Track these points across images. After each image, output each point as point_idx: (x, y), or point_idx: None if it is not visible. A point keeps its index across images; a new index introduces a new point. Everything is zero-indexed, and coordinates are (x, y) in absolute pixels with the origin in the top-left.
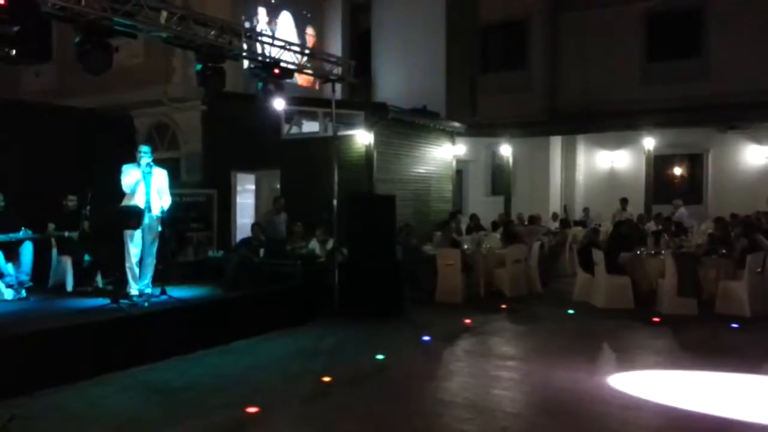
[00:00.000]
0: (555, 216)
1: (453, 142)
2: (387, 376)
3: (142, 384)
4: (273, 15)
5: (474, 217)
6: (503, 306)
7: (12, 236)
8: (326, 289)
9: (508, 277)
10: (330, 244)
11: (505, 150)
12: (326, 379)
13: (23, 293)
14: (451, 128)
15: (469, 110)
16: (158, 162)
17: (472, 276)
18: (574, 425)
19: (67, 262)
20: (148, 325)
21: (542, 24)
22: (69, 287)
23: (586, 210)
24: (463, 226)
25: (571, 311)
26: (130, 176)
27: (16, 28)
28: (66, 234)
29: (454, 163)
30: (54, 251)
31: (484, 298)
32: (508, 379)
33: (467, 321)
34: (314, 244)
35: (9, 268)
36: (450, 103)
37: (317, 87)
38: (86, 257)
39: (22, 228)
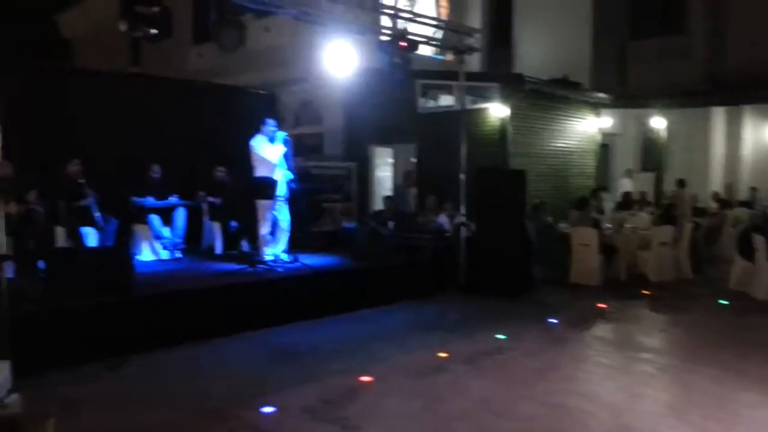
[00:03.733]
0: (716, 195)
1: (598, 114)
2: (505, 356)
3: (270, 345)
4: None
5: (626, 195)
6: (645, 292)
7: (167, 202)
8: (453, 264)
9: (653, 260)
10: (458, 219)
11: (658, 122)
12: (443, 354)
13: (177, 254)
14: (596, 99)
15: (618, 80)
16: (304, 137)
17: (614, 258)
18: None
19: (217, 227)
20: (279, 290)
21: None
22: (218, 250)
23: (753, 190)
24: (610, 204)
25: (723, 302)
26: (270, 149)
27: (156, 8)
28: (212, 201)
29: (599, 136)
30: (205, 217)
31: (625, 282)
32: (640, 373)
33: (601, 305)
34: (443, 219)
35: (165, 231)
36: (596, 73)
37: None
38: (232, 223)
39: (176, 195)
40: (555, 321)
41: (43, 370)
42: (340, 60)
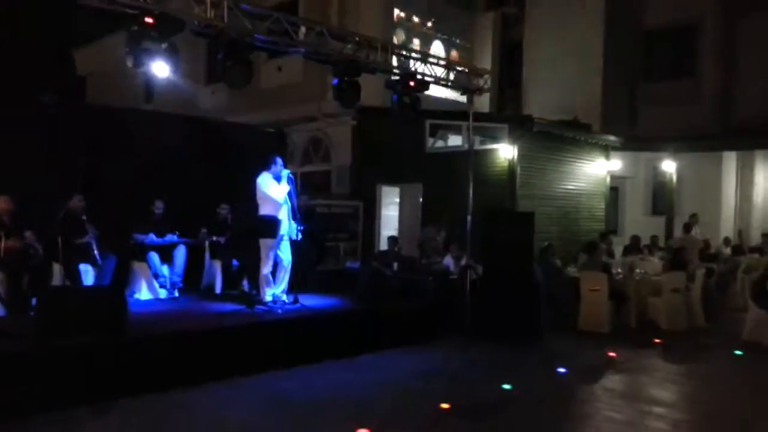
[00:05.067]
0: (727, 241)
1: (607, 157)
2: (511, 409)
3: (265, 392)
4: (425, 44)
5: (635, 238)
6: (657, 340)
7: (168, 240)
8: (458, 307)
9: (664, 307)
10: (464, 261)
11: (668, 166)
12: (445, 405)
13: (175, 293)
14: (605, 141)
15: (628, 122)
16: (312, 174)
17: (624, 304)
18: None
19: (218, 265)
20: (278, 333)
21: (715, 28)
22: (218, 290)
23: (765, 236)
24: (619, 248)
25: (738, 352)
26: (276, 187)
27: (164, 45)
28: (215, 239)
29: (608, 179)
30: (206, 255)
31: (636, 329)
32: (653, 430)
33: (612, 354)
34: (448, 260)
35: (164, 269)
36: (606, 115)
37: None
38: (234, 262)
39: (176, 232)
40: (564, 370)
41: (26, 414)
42: (349, 99)
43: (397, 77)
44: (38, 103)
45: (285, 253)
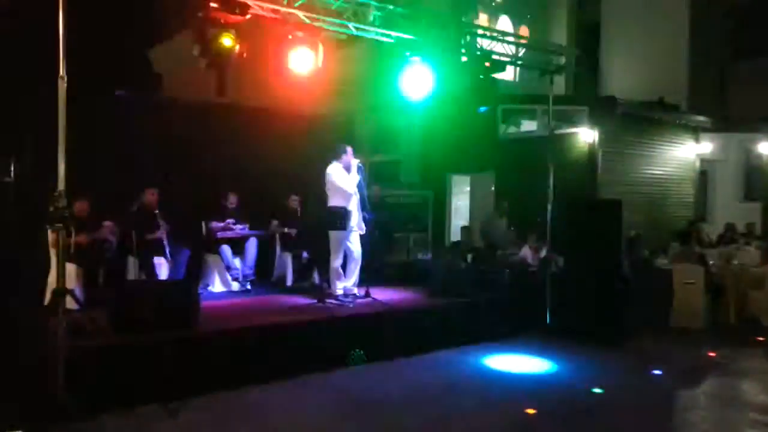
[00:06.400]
0: None
1: (697, 140)
2: (604, 416)
3: (337, 390)
4: (493, 19)
5: (730, 226)
6: (759, 338)
7: (240, 232)
8: (537, 302)
9: (766, 301)
10: (543, 253)
11: (765, 148)
12: (530, 411)
13: (247, 286)
14: (695, 123)
15: (717, 103)
16: (380, 164)
17: (721, 298)
18: None
19: (288, 257)
20: (349, 328)
21: None
22: (288, 282)
23: None
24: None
25: None
26: (346, 178)
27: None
28: (286, 230)
29: (697, 163)
30: (277, 247)
31: (735, 326)
32: None
33: (711, 354)
34: (526, 252)
35: (236, 262)
36: (693, 95)
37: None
38: (304, 254)
39: (246, 225)
40: (659, 372)
41: (96, 411)
42: (418, 84)
43: (472, 58)
44: (116, 97)
45: (355, 245)
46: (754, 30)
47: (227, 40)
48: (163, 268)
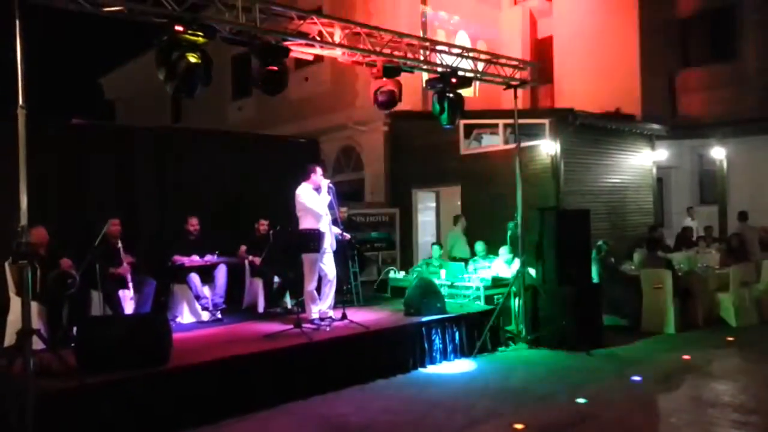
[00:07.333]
0: None
1: (652, 147)
2: (594, 427)
3: (319, 418)
4: (451, 37)
5: (687, 230)
6: (730, 339)
7: (208, 260)
8: (511, 313)
9: (733, 302)
10: (515, 265)
11: (717, 153)
12: (518, 426)
13: (218, 315)
14: (650, 131)
15: (669, 110)
16: (344, 183)
17: (689, 301)
18: None
19: (259, 283)
20: (328, 352)
21: (753, 6)
22: (260, 309)
23: None
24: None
25: None
26: (317, 199)
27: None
28: (255, 257)
29: (654, 170)
30: (247, 273)
31: (704, 328)
32: None
33: (686, 357)
34: (497, 265)
35: (205, 290)
36: (647, 104)
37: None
38: (275, 279)
39: (215, 252)
40: (638, 378)
41: None
42: (384, 101)
43: (438, 75)
44: (70, 126)
45: (329, 267)
46: (698, 38)
47: (192, 60)
48: (128, 302)
